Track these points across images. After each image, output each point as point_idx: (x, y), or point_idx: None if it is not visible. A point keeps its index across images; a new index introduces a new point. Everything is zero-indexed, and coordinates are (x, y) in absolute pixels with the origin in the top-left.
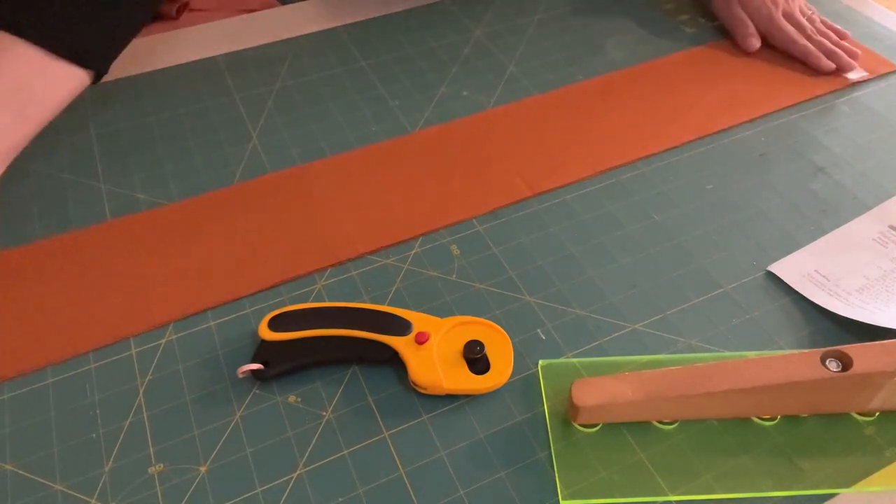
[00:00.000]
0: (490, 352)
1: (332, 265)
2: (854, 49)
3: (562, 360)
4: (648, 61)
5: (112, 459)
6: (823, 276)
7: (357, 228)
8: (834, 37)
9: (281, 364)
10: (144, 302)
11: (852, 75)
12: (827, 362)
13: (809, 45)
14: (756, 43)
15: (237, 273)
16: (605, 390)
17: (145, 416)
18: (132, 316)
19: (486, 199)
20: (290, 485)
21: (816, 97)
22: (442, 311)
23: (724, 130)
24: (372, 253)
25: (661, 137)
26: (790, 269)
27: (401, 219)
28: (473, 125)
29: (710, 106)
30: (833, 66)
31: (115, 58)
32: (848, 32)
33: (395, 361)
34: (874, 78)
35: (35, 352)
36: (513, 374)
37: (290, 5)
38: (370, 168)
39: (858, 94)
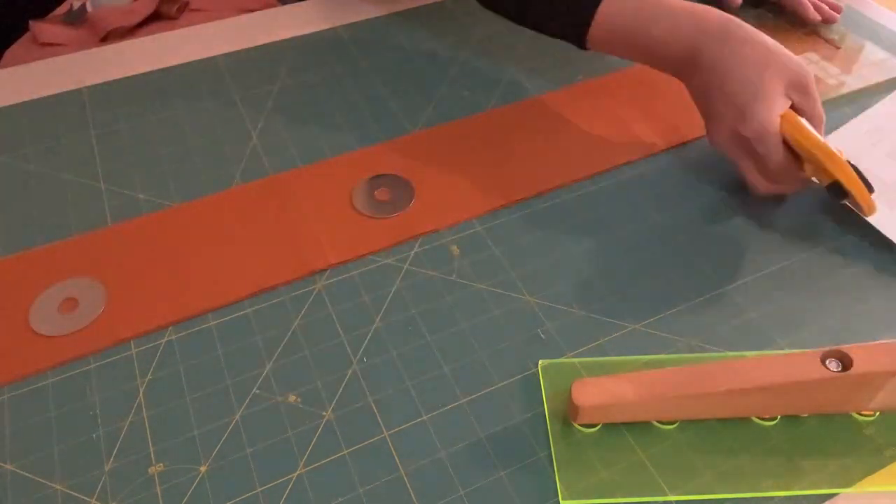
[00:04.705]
0: None
1: (331, 266)
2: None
3: (562, 360)
4: None
5: (112, 459)
6: None
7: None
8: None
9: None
10: (146, 305)
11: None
12: (827, 362)
13: None
14: None
15: (237, 275)
16: (605, 390)
17: (145, 416)
18: (133, 319)
19: (486, 199)
20: (290, 485)
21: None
22: (442, 311)
23: None
24: (374, 253)
25: (663, 136)
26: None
27: (405, 218)
28: (474, 125)
29: None
30: (819, 17)
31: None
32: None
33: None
34: (882, 82)
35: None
36: (513, 374)
37: (290, 5)
38: (372, 168)
39: (858, 94)
